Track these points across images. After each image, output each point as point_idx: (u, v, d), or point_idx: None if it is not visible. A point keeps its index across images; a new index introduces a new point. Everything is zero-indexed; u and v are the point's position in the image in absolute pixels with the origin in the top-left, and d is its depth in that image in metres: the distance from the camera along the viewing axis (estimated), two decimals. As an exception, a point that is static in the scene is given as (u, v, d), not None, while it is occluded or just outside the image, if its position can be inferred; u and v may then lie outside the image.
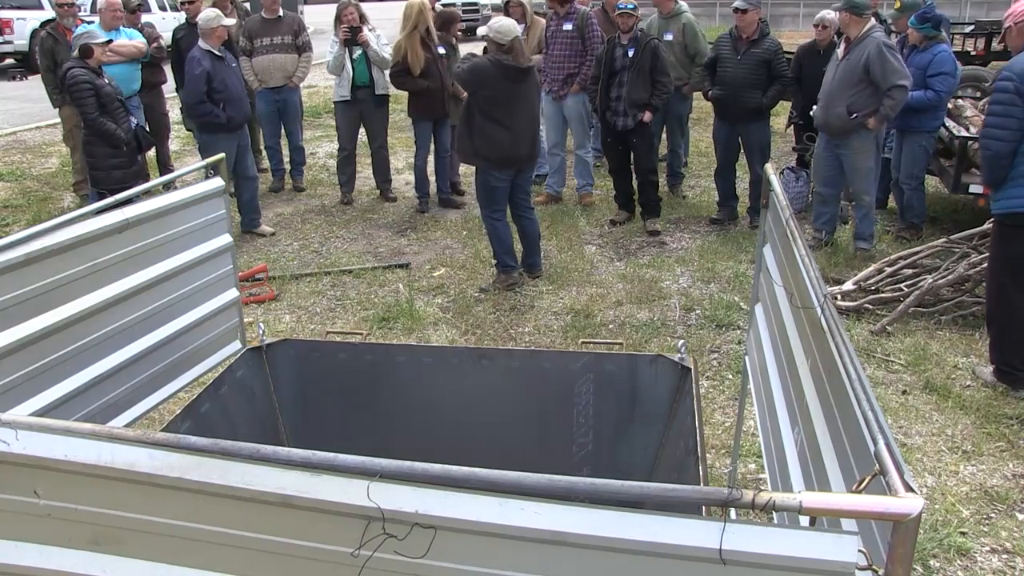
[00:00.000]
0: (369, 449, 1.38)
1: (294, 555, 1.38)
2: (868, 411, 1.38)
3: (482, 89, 5.45)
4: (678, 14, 7.61)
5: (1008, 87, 4.02)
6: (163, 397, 3.08)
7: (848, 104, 5.80)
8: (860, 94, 5.78)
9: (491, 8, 25.68)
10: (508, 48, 5.42)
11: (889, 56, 5.66)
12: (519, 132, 5.57)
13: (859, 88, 5.77)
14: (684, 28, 7.54)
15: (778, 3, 26.03)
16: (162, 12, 18.69)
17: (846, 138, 5.97)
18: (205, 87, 6.48)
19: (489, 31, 5.46)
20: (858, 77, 5.75)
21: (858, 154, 6.01)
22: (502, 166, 5.61)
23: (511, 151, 5.57)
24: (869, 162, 6.07)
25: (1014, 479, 3.67)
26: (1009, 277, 4.25)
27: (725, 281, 5.93)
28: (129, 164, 6.15)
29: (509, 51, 5.43)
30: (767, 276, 2.75)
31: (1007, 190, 4.13)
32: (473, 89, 5.52)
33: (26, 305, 2.43)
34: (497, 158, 5.56)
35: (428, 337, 5.12)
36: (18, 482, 1.44)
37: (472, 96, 5.56)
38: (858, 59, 5.74)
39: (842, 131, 5.94)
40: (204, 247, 3.16)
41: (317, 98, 12.87)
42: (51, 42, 7.44)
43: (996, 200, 4.22)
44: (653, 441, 3.21)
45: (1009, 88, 4.02)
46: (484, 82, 5.43)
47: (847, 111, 5.80)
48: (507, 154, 5.57)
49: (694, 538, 1.20)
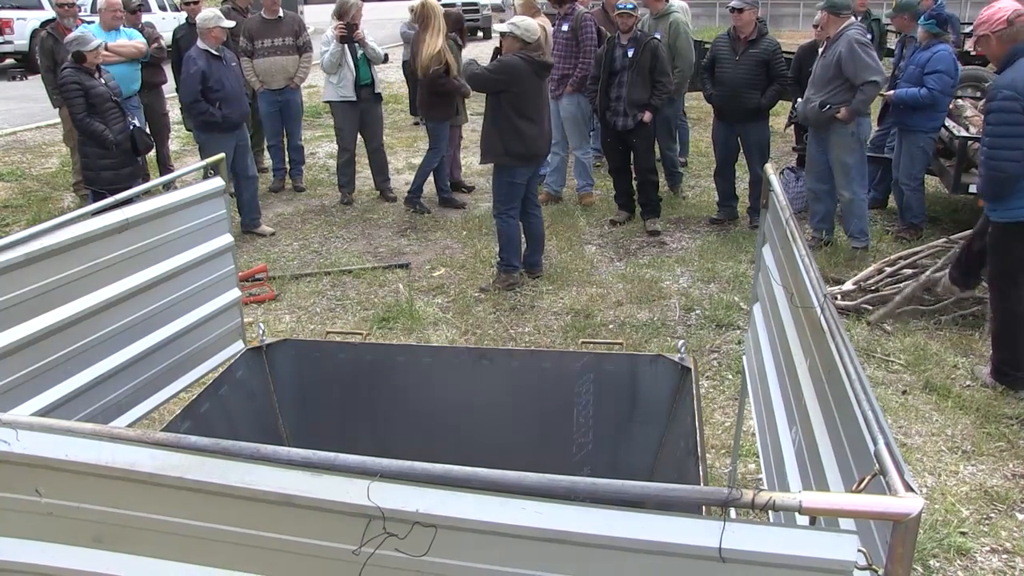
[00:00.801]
0: (369, 449, 1.39)
1: (296, 552, 1.38)
2: (868, 411, 1.38)
3: (514, 86, 5.47)
4: (667, 14, 7.61)
5: (1016, 107, 3.91)
6: (165, 398, 3.08)
7: (824, 99, 5.89)
8: (836, 90, 5.87)
9: (491, 8, 25.72)
10: (536, 46, 5.49)
11: (860, 52, 5.71)
12: (543, 126, 5.70)
13: (835, 84, 5.86)
14: (670, 28, 7.52)
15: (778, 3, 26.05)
16: (162, 12, 18.70)
17: (824, 132, 6.07)
18: (199, 86, 6.50)
19: (516, 29, 5.49)
20: (833, 73, 5.84)
21: (836, 148, 6.06)
22: (529, 161, 5.69)
23: (539, 146, 5.70)
24: (848, 157, 6.06)
25: (1014, 479, 3.67)
26: (1009, 279, 4.25)
27: (725, 281, 5.93)
28: (120, 165, 6.14)
29: (537, 48, 5.51)
30: (766, 276, 2.76)
31: (1008, 200, 4.09)
32: (505, 87, 5.49)
33: (27, 305, 2.43)
34: (527, 154, 5.62)
35: (428, 337, 5.12)
36: (20, 481, 1.45)
37: (501, 95, 5.52)
38: (833, 56, 5.81)
39: (817, 124, 6.05)
40: (205, 247, 3.16)
41: (317, 98, 12.84)
42: (51, 42, 7.44)
43: (995, 210, 4.19)
44: (653, 441, 3.21)
45: (1017, 108, 3.91)
46: (517, 79, 5.45)
47: (819, 105, 5.88)
48: (535, 150, 5.68)
49: (694, 537, 1.20)
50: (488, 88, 5.61)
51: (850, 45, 5.70)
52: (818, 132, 6.14)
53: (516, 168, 5.64)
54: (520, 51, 5.48)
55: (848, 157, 6.06)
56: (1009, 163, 3.99)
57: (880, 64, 5.92)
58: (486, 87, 5.62)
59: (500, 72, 5.54)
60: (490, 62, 5.86)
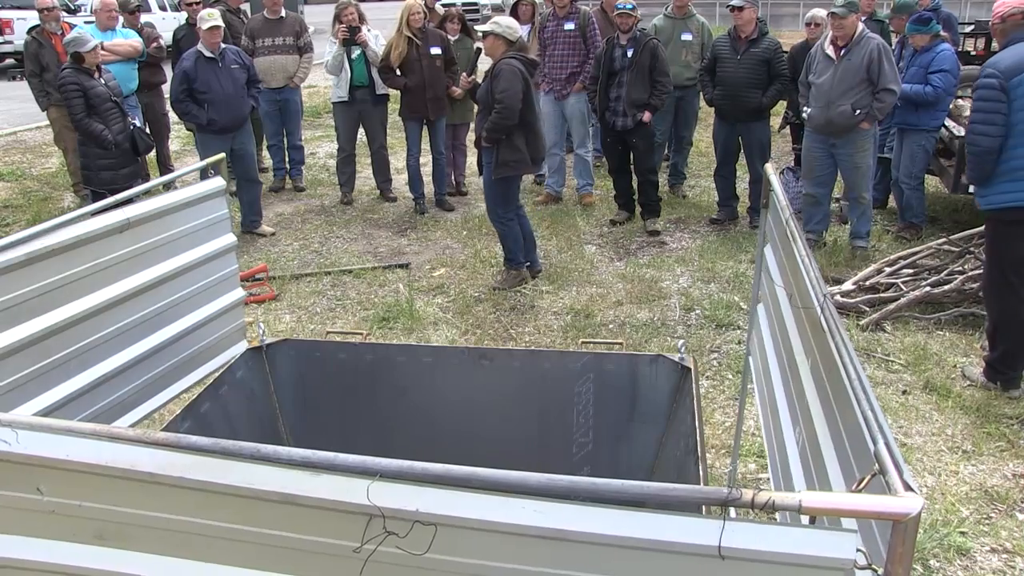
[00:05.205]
0: (369, 449, 1.39)
1: (298, 549, 1.38)
2: (868, 411, 1.38)
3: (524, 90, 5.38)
4: (693, 15, 7.76)
5: (993, 84, 4.05)
6: (167, 398, 3.07)
7: (852, 103, 5.84)
8: (862, 93, 5.84)
9: (491, 8, 25.72)
10: (521, 45, 5.46)
11: (887, 59, 5.79)
12: (539, 129, 5.65)
13: (861, 87, 5.83)
14: (702, 28, 7.73)
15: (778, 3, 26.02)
16: (162, 12, 18.70)
17: (848, 136, 6.00)
18: (183, 86, 6.52)
19: (497, 27, 5.45)
20: (860, 77, 5.81)
21: (859, 152, 6.05)
22: (533, 164, 5.69)
23: (537, 150, 5.66)
24: (868, 160, 6.14)
25: (1014, 479, 3.67)
26: (1002, 274, 4.26)
27: (725, 281, 5.93)
28: (119, 165, 6.15)
29: (522, 48, 5.48)
30: (768, 276, 2.76)
31: (995, 185, 4.15)
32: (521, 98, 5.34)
33: (27, 305, 2.43)
34: (534, 157, 5.61)
35: (428, 337, 5.12)
36: (21, 480, 1.45)
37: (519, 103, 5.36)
38: (860, 59, 5.78)
39: (845, 130, 5.97)
40: (207, 247, 3.15)
41: (317, 98, 12.87)
42: (35, 46, 7.48)
43: (984, 196, 4.24)
44: (653, 441, 3.21)
45: (994, 85, 4.04)
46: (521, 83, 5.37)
47: (851, 109, 5.84)
48: (534, 154, 5.65)
49: (693, 535, 1.20)
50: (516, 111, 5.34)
51: (880, 51, 5.73)
52: (832, 136, 6.07)
53: (520, 172, 5.65)
54: (507, 53, 5.43)
55: (868, 159, 6.14)
56: (983, 137, 4.10)
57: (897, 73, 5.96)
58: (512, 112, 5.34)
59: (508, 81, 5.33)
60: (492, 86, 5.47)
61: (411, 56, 7.09)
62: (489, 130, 5.47)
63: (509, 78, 5.35)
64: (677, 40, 7.57)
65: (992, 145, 4.08)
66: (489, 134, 5.48)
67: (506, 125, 5.39)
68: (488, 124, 5.47)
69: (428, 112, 7.30)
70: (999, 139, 4.05)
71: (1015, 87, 3.99)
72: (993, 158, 4.09)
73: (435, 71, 7.21)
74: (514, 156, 5.50)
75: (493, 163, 5.56)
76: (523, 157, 5.54)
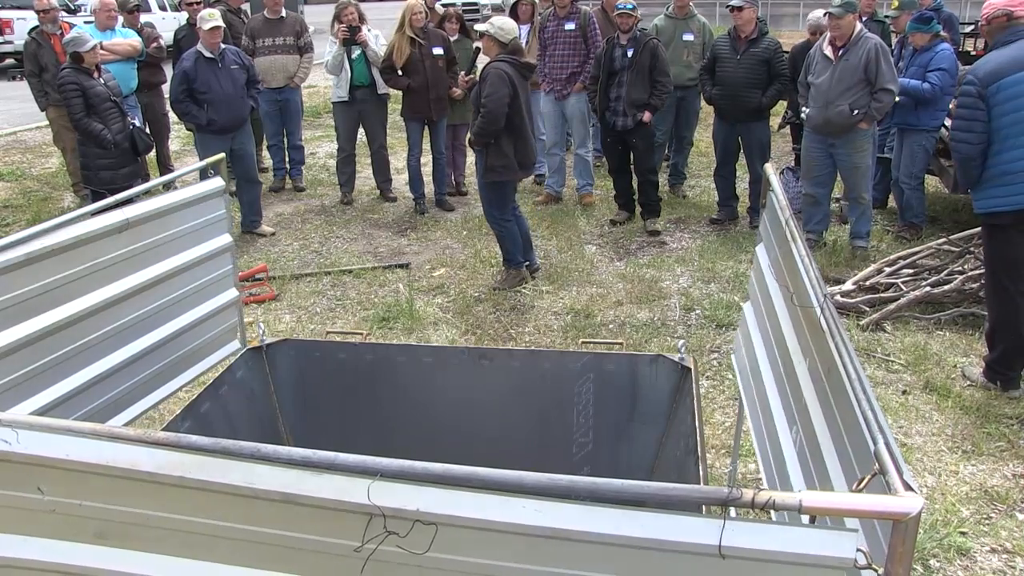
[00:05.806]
0: (369, 449, 1.39)
1: (298, 549, 1.39)
2: (868, 411, 1.39)
3: (511, 95, 5.33)
4: (694, 15, 7.77)
5: (971, 91, 4.06)
6: (162, 396, 3.08)
7: (850, 103, 5.84)
8: (860, 93, 5.83)
9: (491, 8, 25.71)
10: (514, 47, 5.43)
11: (885, 59, 5.79)
12: (529, 132, 5.61)
13: (859, 88, 5.83)
14: (704, 28, 7.74)
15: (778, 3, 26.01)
16: (162, 12, 18.69)
17: (846, 136, 6.00)
18: (182, 86, 6.52)
19: (491, 28, 5.42)
20: (859, 77, 5.81)
21: (858, 152, 6.05)
22: (522, 169, 5.66)
23: (528, 155, 5.62)
24: (867, 160, 6.14)
25: (1014, 479, 3.67)
26: (998, 276, 4.27)
27: (725, 281, 5.93)
28: (119, 165, 6.15)
29: (515, 50, 5.44)
30: (759, 275, 2.76)
31: (985, 189, 4.15)
32: (510, 99, 5.31)
33: (26, 305, 2.44)
34: (522, 162, 5.58)
35: (428, 337, 5.12)
36: (21, 480, 1.45)
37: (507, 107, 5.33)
38: (857, 59, 5.78)
39: (844, 130, 5.97)
40: (204, 247, 3.16)
41: (317, 98, 12.87)
42: (35, 47, 7.49)
43: (975, 200, 4.26)
44: (653, 441, 3.21)
45: (971, 92, 4.06)
46: (508, 87, 5.31)
47: (849, 109, 5.84)
48: (530, 158, 5.62)
49: (694, 534, 1.20)
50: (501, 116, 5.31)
51: (878, 51, 5.74)
52: (831, 136, 6.07)
53: (516, 176, 5.64)
54: (499, 55, 5.41)
55: (868, 159, 6.14)
56: (964, 144, 4.12)
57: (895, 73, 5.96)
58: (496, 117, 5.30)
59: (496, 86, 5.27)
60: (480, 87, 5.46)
61: (414, 56, 7.10)
62: (475, 134, 5.48)
63: (495, 82, 5.31)
64: (678, 40, 7.58)
65: (971, 152, 4.09)
66: (475, 138, 5.49)
67: (491, 130, 5.37)
68: (474, 128, 5.48)
69: (431, 112, 7.31)
70: (979, 146, 4.07)
71: (993, 94, 4.00)
72: (976, 164, 4.11)
73: (438, 71, 7.21)
74: (501, 161, 5.47)
75: (482, 167, 5.58)
76: (510, 163, 5.49)
